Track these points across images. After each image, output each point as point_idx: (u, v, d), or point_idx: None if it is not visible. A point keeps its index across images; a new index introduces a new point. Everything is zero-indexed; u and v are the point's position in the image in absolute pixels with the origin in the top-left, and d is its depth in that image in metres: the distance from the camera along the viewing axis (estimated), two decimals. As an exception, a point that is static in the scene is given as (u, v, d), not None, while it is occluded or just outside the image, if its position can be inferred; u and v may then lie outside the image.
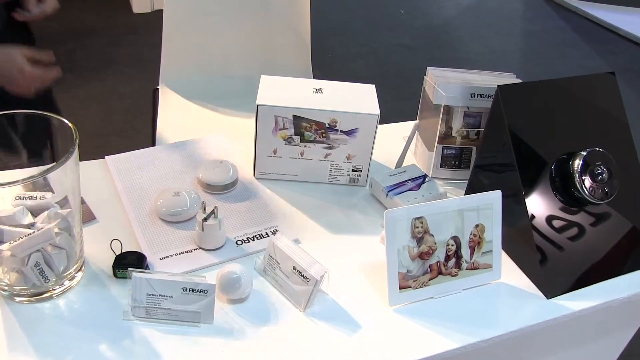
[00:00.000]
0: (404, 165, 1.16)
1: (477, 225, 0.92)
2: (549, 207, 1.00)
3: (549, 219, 1.00)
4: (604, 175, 0.99)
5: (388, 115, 1.35)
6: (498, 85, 0.99)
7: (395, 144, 1.21)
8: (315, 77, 1.63)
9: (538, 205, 0.99)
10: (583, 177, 0.98)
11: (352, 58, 3.49)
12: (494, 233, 0.93)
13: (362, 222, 1.05)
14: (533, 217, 0.96)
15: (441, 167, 1.16)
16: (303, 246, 0.97)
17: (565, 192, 1.00)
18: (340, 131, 1.06)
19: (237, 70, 1.64)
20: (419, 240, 0.88)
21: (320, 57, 3.42)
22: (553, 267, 0.96)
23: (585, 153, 0.99)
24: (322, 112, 1.04)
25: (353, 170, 1.11)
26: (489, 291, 0.94)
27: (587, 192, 0.98)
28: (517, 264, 1.00)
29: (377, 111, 1.05)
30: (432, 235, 0.89)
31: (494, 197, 0.92)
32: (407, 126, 1.24)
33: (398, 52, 3.59)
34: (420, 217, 0.88)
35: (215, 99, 1.54)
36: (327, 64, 3.41)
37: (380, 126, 1.32)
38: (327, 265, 0.88)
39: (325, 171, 1.11)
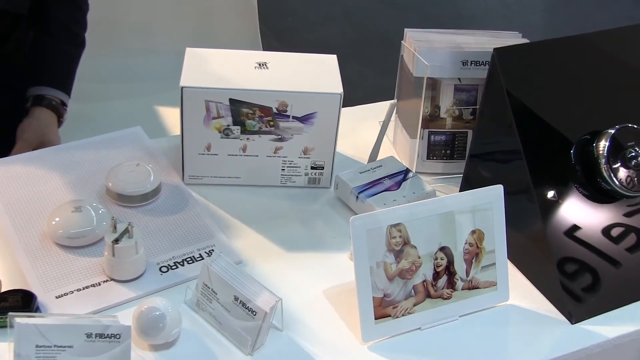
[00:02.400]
0: (379, 158, 1.18)
1: (473, 232, 0.94)
2: (569, 205, 1.03)
3: (570, 220, 1.03)
4: (639, 158, 1.02)
5: (368, 95, 1.37)
6: (495, 49, 1.02)
7: (370, 132, 1.24)
8: (267, 48, 1.65)
9: (554, 202, 1.02)
10: (612, 163, 1.01)
11: (321, 21, 3.53)
12: (497, 241, 0.96)
13: (326, 235, 1.06)
14: (548, 218, 0.99)
15: (428, 158, 1.18)
16: (249, 270, 0.98)
17: (589, 183, 1.03)
18: (293, 117, 1.07)
19: (159, 43, 1.65)
20: (398, 254, 0.90)
21: (276, 21, 3.45)
22: (578, 282, 0.99)
23: (613, 131, 1.02)
24: (267, 94, 1.05)
25: (313, 168, 1.12)
26: (495, 317, 0.96)
27: (617, 183, 1.01)
28: (530, 280, 1.02)
29: (340, 89, 1.06)
30: (415, 247, 0.91)
31: (493, 194, 0.95)
32: (384, 107, 1.26)
33: (381, 12, 3.63)
34: (397, 224, 0.90)
35: (130, 82, 1.55)
36: (287, 31, 3.44)
37: (349, 109, 1.35)
38: (280, 293, 0.89)
39: (276, 171, 1.12)
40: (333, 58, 1.14)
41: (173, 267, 0.97)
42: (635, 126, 1.04)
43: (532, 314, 0.97)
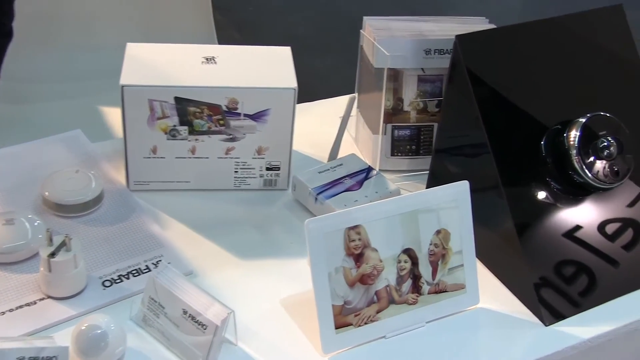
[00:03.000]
0: (339, 156, 1.18)
1: (438, 232, 0.95)
2: (540, 199, 1.04)
3: (542, 216, 1.04)
4: (611, 148, 1.04)
5: (338, 87, 1.37)
6: (457, 36, 1.03)
7: (331, 128, 1.23)
8: (227, 41, 1.65)
9: (525, 197, 1.03)
10: (584, 154, 1.03)
11: (286, 10, 3.52)
12: (464, 241, 0.97)
13: (283, 240, 1.06)
14: (519, 214, 1.00)
15: (392, 155, 1.19)
16: (200, 280, 0.98)
17: (561, 176, 1.05)
18: (245, 115, 1.07)
19: (102, 38, 1.64)
20: (358, 259, 0.90)
21: (237, 11, 3.44)
22: (551, 282, 1.00)
23: (584, 120, 1.04)
24: (215, 91, 1.05)
25: (268, 169, 1.13)
26: (465, 321, 0.96)
27: (590, 175, 1.02)
28: (501, 281, 1.03)
29: (294, 83, 1.07)
30: (376, 250, 0.91)
31: (458, 191, 0.96)
32: (346, 102, 1.27)
33: (350, -1, 3.64)
34: (356, 227, 0.90)
35: (69, 81, 1.53)
36: (248, 22, 3.43)
37: (309, 104, 1.35)
38: (234, 304, 0.89)
39: (228, 173, 1.12)
40: (287, 50, 1.14)
41: (117, 281, 0.96)
42: (607, 114, 1.06)
43: (504, 317, 0.98)
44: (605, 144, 1.03)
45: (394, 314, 0.93)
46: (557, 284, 1.00)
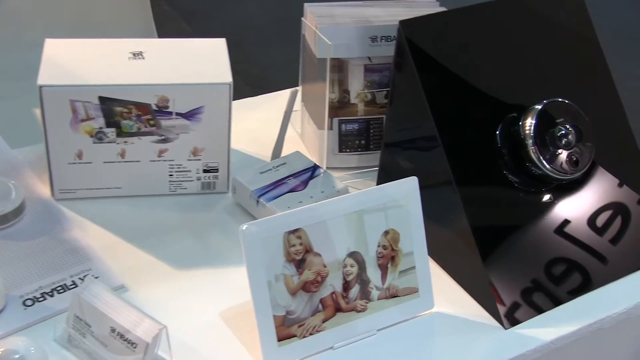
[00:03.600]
0: (283, 155, 1.18)
1: (386, 233, 0.95)
2: (497, 194, 1.04)
3: (499, 212, 1.04)
4: (570, 137, 1.04)
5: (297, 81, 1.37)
6: (400, 21, 1.02)
7: (275, 125, 1.23)
8: (176, 33, 1.64)
9: (480, 193, 1.03)
10: (540, 144, 1.03)
11: (238, -3, 3.52)
12: (415, 241, 0.96)
13: (223, 247, 1.06)
14: (474, 211, 1.00)
15: (340, 151, 1.19)
16: (132, 295, 0.97)
17: (519, 168, 1.05)
18: (177, 114, 1.06)
19: (24, 34, 1.62)
20: (300, 265, 0.90)
21: (185, 0, 3.43)
22: (510, 281, 1.00)
23: (540, 107, 1.04)
24: (143, 88, 1.04)
25: (205, 171, 1.12)
26: (419, 328, 0.96)
27: (548, 166, 1.03)
28: (458, 283, 1.03)
29: (228, 78, 1.06)
30: (319, 255, 0.91)
31: (407, 188, 0.95)
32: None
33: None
34: (296, 230, 0.89)
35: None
36: (198, 11, 3.42)
37: (251, 99, 1.35)
38: (169, 319, 0.88)
39: (162, 177, 1.11)
40: (221, 42, 1.14)
41: (40, 299, 0.95)
42: (565, 100, 1.06)
43: (461, 321, 0.98)
44: (563, 132, 1.04)
45: (342, 323, 0.92)
46: (516, 284, 1.00)
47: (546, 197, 1.06)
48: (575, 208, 1.07)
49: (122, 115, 1.05)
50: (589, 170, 1.07)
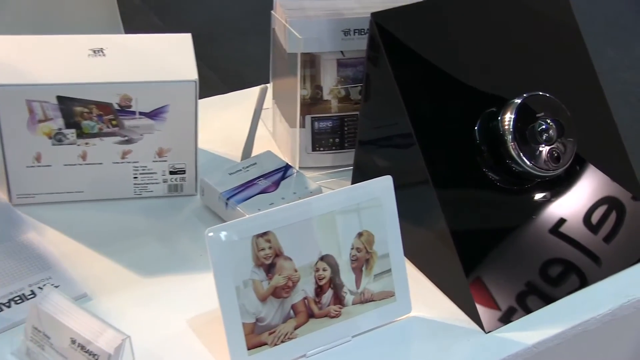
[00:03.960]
0: (254, 155, 1.17)
1: (360, 234, 0.94)
2: (475, 193, 1.04)
3: (478, 211, 1.04)
4: (550, 132, 1.04)
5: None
6: (372, 13, 1.02)
7: (245, 124, 1.23)
8: (147, 28, 1.62)
9: (458, 192, 1.03)
10: (520, 139, 1.03)
11: (213, -9, 3.51)
12: (390, 242, 0.96)
13: (191, 252, 1.05)
14: (452, 211, 1.00)
15: (314, 150, 1.19)
16: (95, 304, 0.97)
17: (498, 165, 1.05)
18: (140, 113, 1.06)
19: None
20: (270, 269, 0.89)
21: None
22: (490, 283, 1.00)
23: (519, 101, 1.04)
24: (104, 87, 1.03)
25: (172, 173, 1.11)
26: (396, 333, 0.96)
27: (529, 162, 1.03)
28: (436, 285, 1.03)
29: (194, 75, 1.05)
30: (290, 259, 0.90)
31: (381, 187, 0.95)
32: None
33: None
34: (265, 233, 0.89)
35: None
36: (171, 5, 3.40)
37: (221, 97, 1.34)
38: (134, 328, 0.88)
39: (126, 180, 1.11)
40: (186, 38, 1.13)
41: (-4, 310, 0.94)
42: (546, 94, 1.06)
43: (440, 326, 0.98)
44: (544, 126, 1.04)
45: (315, 329, 0.92)
46: (496, 285, 1.00)
47: (527, 195, 1.06)
48: (558, 205, 1.07)
49: (82, 115, 1.04)
50: (572, 166, 1.07)
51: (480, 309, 0.98)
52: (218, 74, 2.98)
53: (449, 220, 0.99)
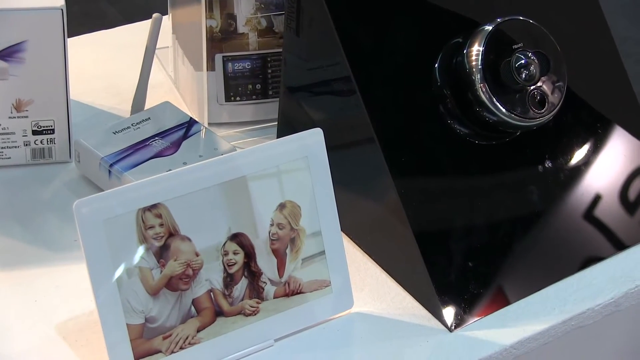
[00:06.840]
0: (147, 107, 1.18)
1: (282, 206, 0.95)
2: (436, 153, 1.06)
3: (441, 176, 1.06)
4: (532, 68, 1.05)
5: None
6: None
7: (135, 66, 1.23)
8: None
9: (413, 151, 1.04)
10: (491, 79, 1.04)
11: None
12: (323, 216, 0.97)
13: (62, 237, 1.06)
14: (405, 176, 1.02)
15: (228, 100, 1.20)
16: None
17: (466, 114, 1.06)
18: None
19: None
20: (162, 253, 0.90)
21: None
22: (458, 268, 1.02)
23: (489, 27, 1.05)
24: None
25: (36, 133, 1.12)
26: (333, 334, 0.97)
27: (502, 108, 1.03)
28: (387, 272, 1.05)
29: (60, 1, 1.06)
30: (188, 240, 0.91)
31: (308, 144, 0.96)
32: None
33: None
34: (155, 206, 0.90)
35: None
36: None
37: (103, 32, 1.34)
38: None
39: (-27, 143, 1.12)
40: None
41: None
42: (526, 19, 1.07)
43: (391, 324, 0.99)
44: (523, 60, 1.04)
45: (224, 332, 0.93)
46: (465, 272, 1.02)
47: (505, 153, 1.08)
48: (544, 164, 1.09)
49: None
50: (562, 112, 1.09)
51: (443, 300, 0.99)
52: (117, 7, 2.98)
53: (401, 188, 1.00)
